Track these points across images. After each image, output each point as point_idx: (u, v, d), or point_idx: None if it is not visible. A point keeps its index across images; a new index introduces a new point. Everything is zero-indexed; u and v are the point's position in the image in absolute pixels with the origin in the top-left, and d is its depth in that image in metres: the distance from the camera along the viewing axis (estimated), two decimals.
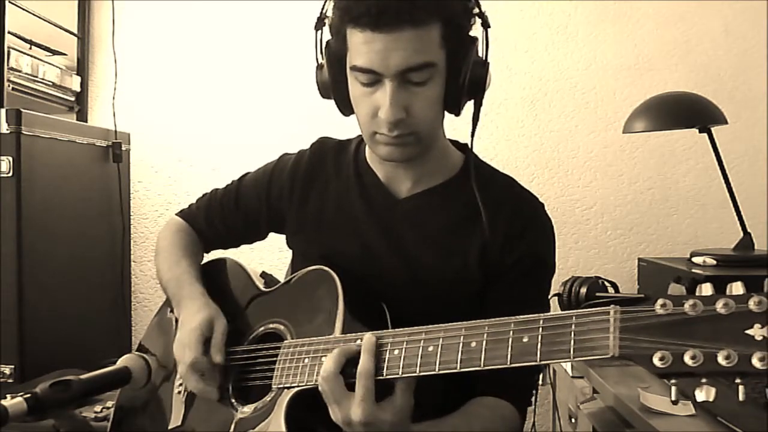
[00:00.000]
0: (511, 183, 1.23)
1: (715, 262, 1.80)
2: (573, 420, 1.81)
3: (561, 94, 2.50)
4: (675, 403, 0.73)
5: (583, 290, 1.91)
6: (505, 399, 1.11)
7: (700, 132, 1.93)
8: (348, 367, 0.92)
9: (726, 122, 1.89)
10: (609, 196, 2.49)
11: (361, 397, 0.90)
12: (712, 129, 1.92)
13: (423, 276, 1.16)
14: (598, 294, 1.87)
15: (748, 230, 1.92)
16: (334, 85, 1.12)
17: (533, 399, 1.20)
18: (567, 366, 1.89)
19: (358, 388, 0.90)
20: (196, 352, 1.11)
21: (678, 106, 1.90)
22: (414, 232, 1.18)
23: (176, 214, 1.44)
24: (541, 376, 1.96)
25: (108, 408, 1.77)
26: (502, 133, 2.50)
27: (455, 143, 1.26)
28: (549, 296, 1.22)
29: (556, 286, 1.77)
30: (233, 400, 1.13)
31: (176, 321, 1.22)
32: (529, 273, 1.15)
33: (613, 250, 2.49)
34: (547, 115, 2.50)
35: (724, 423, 1.16)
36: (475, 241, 1.15)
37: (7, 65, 2.05)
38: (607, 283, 1.97)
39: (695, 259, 1.85)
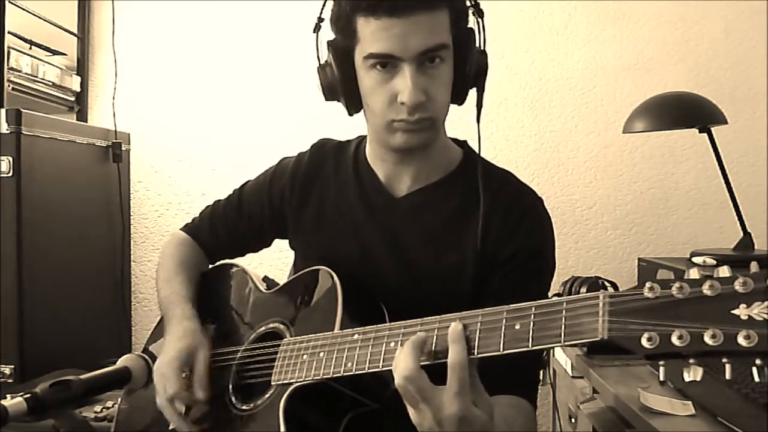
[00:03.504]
0: (509, 177, 1.24)
1: (715, 262, 1.79)
2: (573, 420, 1.81)
3: (561, 94, 2.50)
4: (663, 383, 0.74)
5: (583, 290, 1.91)
6: (522, 396, 1.11)
7: (700, 132, 1.93)
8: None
9: (726, 122, 1.89)
10: (609, 196, 2.49)
11: (456, 390, 0.82)
12: (712, 129, 1.92)
13: (421, 272, 1.17)
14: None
15: (748, 230, 1.92)
16: (343, 81, 1.11)
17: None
18: (567, 366, 1.89)
19: (454, 381, 0.83)
20: (176, 386, 1.10)
21: (678, 106, 1.90)
22: (412, 229, 1.19)
23: (180, 229, 1.44)
24: (541, 376, 1.96)
25: (108, 408, 1.77)
26: (502, 133, 2.50)
27: (454, 140, 1.26)
28: (549, 290, 1.22)
29: (556, 286, 1.77)
30: (233, 399, 1.13)
31: None
32: (526, 265, 1.15)
33: (613, 250, 2.49)
34: (547, 115, 2.51)
35: (724, 423, 1.16)
36: (473, 235, 1.15)
37: (7, 65, 2.05)
38: (607, 283, 1.97)
39: (695, 259, 1.85)
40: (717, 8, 2.46)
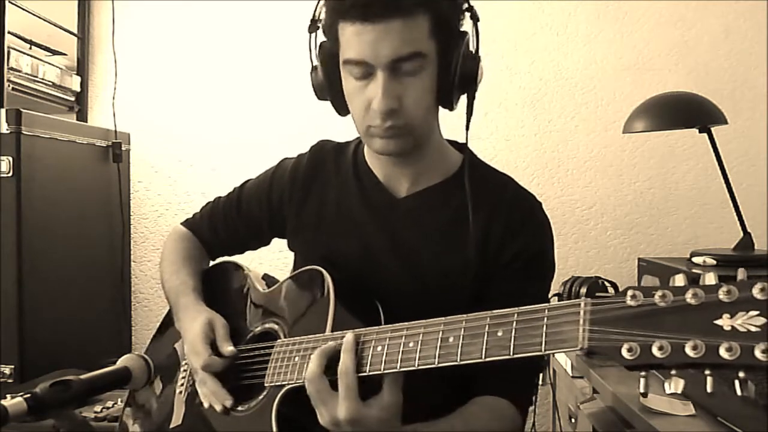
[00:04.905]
0: (508, 181, 1.24)
1: (715, 262, 1.80)
2: (573, 420, 1.81)
3: (561, 94, 2.50)
4: (644, 395, 0.72)
5: (583, 290, 1.91)
6: (506, 398, 1.11)
7: (700, 132, 1.93)
8: (332, 367, 0.93)
9: (726, 122, 1.89)
10: (609, 196, 2.49)
11: (343, 395, 0.91)
12: (712, 129, 1.92)
13: (422, 274, 1.17)
14: (597, 294, 1.87)
15: (748, 230, 1.92)
16: (328, 84, 1.13)
17: (534, 399, 1.20)
18: (567, 366, 1.90)
19: (340, 387, 0.91)
20: (206, 353, 1.12)
21: (678, 106, 1.90)
22: (414, 231, 1.19)
23: (181, 224, 1.45)
24: (540, 376, 1.96)
25: (108, 408, 1.77)
26: (502, 133, 2.49)
27: (454, 144, 1.26)
28: (549, 293, 1.22)
29: (556, 286, 1.77)
30: None
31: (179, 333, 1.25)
32: (527, 268, 1.15)
33: (613, 250, 2.49)
34: (547, 115, 2.50)
35: (724, 423, 1.16)
36: (474, 239, 1.15)
37: (7, 65, 2.05)
38: (607, 283, 1.97)
39: (695, 259, 1.85)
40: (717, 8, 2.46)
